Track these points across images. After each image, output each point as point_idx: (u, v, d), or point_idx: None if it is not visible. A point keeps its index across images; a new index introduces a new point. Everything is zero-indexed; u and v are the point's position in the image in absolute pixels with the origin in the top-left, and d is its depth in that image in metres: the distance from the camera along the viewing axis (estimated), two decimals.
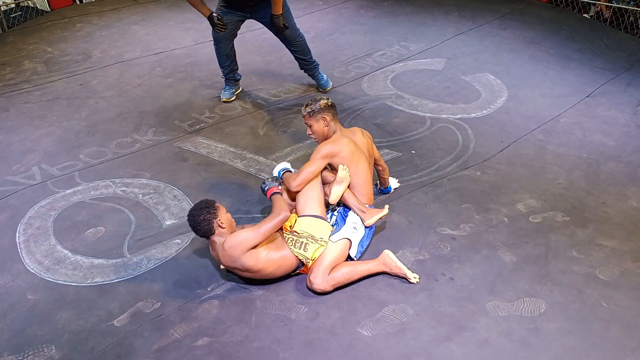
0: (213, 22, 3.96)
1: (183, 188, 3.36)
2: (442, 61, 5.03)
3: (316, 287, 2.54)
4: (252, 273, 2.54)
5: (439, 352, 2.30)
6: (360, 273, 2.62)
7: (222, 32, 4.02)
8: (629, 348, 2.32)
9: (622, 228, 3.01)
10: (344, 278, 2.58)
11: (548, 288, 2.61)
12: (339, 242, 2.64)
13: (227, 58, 4.25)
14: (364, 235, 2.75)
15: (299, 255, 2.58)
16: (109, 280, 2.71)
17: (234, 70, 4.35)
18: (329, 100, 2.89)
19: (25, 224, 3.09)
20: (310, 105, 2.86)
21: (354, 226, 2.71)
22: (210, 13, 3.93)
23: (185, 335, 2.40)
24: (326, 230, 2.66)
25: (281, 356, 2.30)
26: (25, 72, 4.92)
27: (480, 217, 3.08)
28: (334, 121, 2.87)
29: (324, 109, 2.83)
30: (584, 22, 5.91)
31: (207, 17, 3.94)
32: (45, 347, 2.36)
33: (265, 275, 2.57)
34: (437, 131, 3.94)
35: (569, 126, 4.00)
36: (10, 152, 3.76)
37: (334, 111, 2.88)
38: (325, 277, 2.54)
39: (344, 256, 2.66)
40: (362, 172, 2.80)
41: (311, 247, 2.58)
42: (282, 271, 2.61)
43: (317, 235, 2.61)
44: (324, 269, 2.56)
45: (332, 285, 2.56)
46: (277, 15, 3.94)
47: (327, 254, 2.60)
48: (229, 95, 4.38)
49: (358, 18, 6.07)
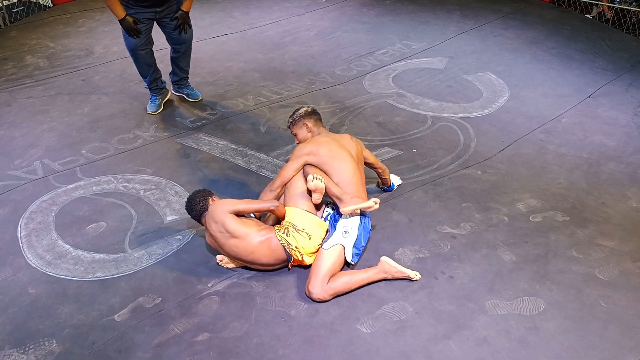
0: (128, 25, 3.68)
1: (184, 184, 3.37)
2: (443, 60, 5.03)
3: (315, 297, 2.53)
4: (238, 242, 2.54)
5: (437, 350, 2.31)
6: (359, 281, 2.60)
7: (137, 38, 3.76)
8: (627, 348, 2.33)
9: (622, 228, 3.02)
10: (343, 287, 2.57)
11: (547, 287, 2.62)
12: (332, 249, 2.61)
13: (149, 67, 4.02)
14: (358, 237, 2.68)
15: (282, 240, 2.59)
16: (110, 275, 2.72)
17: (157, 79, 4.15)
18: (310, 107, 3.02)
19: (26, 219, 3.10)
20: (292, 116, 2.99)
21: (344, 230, 2.67)
22: (125, 15, 3.65)
23: (186, 330, 2.41)
24: (308, 221, 2.66)
25: (280, 352, 2.31)
26: (28, 67, 4.92)
27: (480, 216, 3.09)
28: (317, 126, 2.95)
29: (304, 116, 2.95)
30: (586, 22, 5.90)
31: (121, 19, 3.65)
32: (46, 341, 2.37)
33: (254, 250, 2.56)
34: (439, 130, 3.95)
35: (570, 126, 4.01)
36: (13, 147, 3.77)
37: (315, 117, 2.97)
38: (323, 287, 2.53)
39: (340, 262, 2.63)
40: (346, 170, 2.75)
41: (292, 236, 2.61)
42: (271, 253, 2.59)
43: (298, 225, 2.64)
44: (322, 278, 2.54)
45: (331, 295, 2.54)
46: (187, 13, 3.88)
47: (322, 262, 2.58)
48: (156, 108, 4.18)
49: (360, 16, 6.07)
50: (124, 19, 3.66)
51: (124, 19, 3.66)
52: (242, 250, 2.56)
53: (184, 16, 3.88)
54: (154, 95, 4.21)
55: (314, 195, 2.70)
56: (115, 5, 3.61)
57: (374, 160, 3.09)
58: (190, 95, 4.38)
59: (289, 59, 5.07)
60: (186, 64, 4.24)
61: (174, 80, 4.34)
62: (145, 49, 3.90)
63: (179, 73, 4.27)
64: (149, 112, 4.17)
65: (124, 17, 3.65)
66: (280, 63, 4.99)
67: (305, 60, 5.04)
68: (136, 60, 3.96)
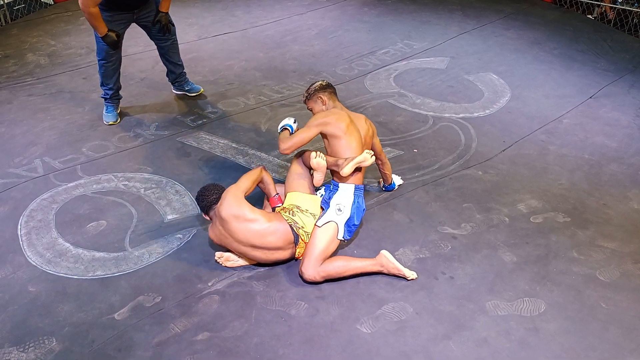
0: (112, 40, 3.56)
1: (185, 183, 3.36)
2: (445, 60, 5.03)
3: (306, 277, 2.55)
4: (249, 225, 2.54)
5: (438, 351, 2.31)
6: (354, 269, 2.61)
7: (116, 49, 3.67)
8: (627, 349, 2.32)
9: (623, 230, 3.02)
10: (336, 271, 2.57)
11: (548, 288, 2.62)
12: (325, 227, 2.63)
13: (115, 73, 3.89)
14: (351, 216, 2.69)
15: (288, 219, 2.61)
16: (110, 273, 2.72)
17: (119, 88, 4.02)
18: (324, 81, 2.99)
19: (27, 217, 3.10)
20: (307, 90, 2.98)
21: (337, 208, 2.68)
22: (107, 31, 3.52)
23: (186, 329, 2.41)
24: (312, 202, 2.72)
25: (280, 352, 2.31)
26: (29, 65, 4.92)
27: (481, 217, 3.09)
28: (332, 100, 2.94)
29: (319, 90, 2.93)
30: (588, 23, 5.90)
31: (104, 35, 3.52)
32: (46, 339, 2.37)
33: (261, 237, 2.55)
34: (440, 130, 3.94)
35: (572, 127, 4.00)
36: (13, 145, 3.77)
37: (330, 90, 2.95)
38: (316, 267, 2.54)
39: (333, 241, 2.64)
40: (353, 149, 2.75)
41: (299, 215, 2.64)
42: (278, 237, 2.59)
43: (302, 206, 2.68)
44: (315, 258, 2.56)
45: (323, 277, 2.55)
46: (166, 13, 3.84)
47: (316, 242, 2.59)
48: (115, 118, 4.00)
49: (362, 16, 6.06)
50: (107, 35, 3.53)
51: (106, 35, 3.53)
52: (254, 233, 2.56)
53: (165, 17, 3.85)
54: (112, 106, 4.01)
55: (316, 175, 2.72)
56: (99, 21, 3.46)
57: (380, 150, 3.06)
58: (191, 91, 4.36)
59: (290, 58, 5.07)
60: (177, 57, 4.19)
61: (173, 79, 4.32)
62: (117, 55, 3.79)
63: (174, 70, 4.24)
64: (110, 123, 3.97)
65: (106, 33, 3.53)
66: (282, 62, 4.98)
67: (307, 60, 5.04)
68: (106, 66, 3.80)
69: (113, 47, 3.63)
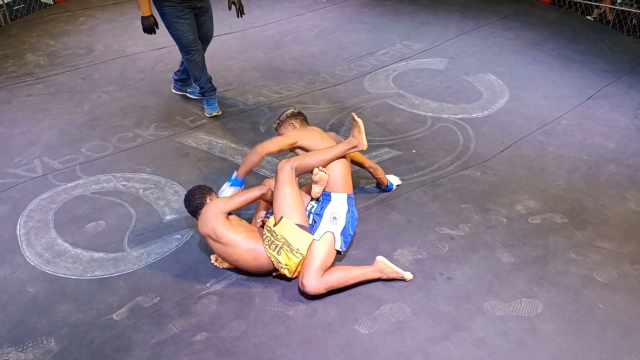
0: (149, 24, 3.68)
1: (184, 183, 3.37)
2: (444, 61, 5.04)
3: (309, 290, 2.50)
4: (224, 247, 2.54)
5: (435, 351, 2.32)
6: (355, 278, 2.59)
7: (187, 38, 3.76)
8: (624, 350, 2.33)
9: (621, 231, 3.02)
10: (338, 282, 2.55)
11: (545, 289, 2.62)
12: (323, 238, 2.62)
13: (203, 64, 3.95)
14: (346, 225, 2.70)
15: (271, 257, 2.53)
16: (108, 274, 2.72)
17: (210, 79, 4.06)
18: (296, 109, 3.10)
19: (26, 217, 3.10)
20: (278, 117, 3.06)
21: (332, 217, 2.68)
22: (150, 14, 3.67)
23: (184, 330, 2.41)
24: (305, 243, 2.56)
25: (278, 353, 2.31)
26: (28, 65, 4.92)
27: (479, 218, 3.09)
28: (303, 126, 3.01)
29: (290, 117, 3.03)
30: (587, 24, 5.90)
31: (146, 16, 3.66)
32: (44, 339, 2.38)
33: (238, 258, 2.56)
34: (438, 131, 3.95)
35: (570, 128, 4.01)
36: (12, 145, 3.77)
37: (301, 117, 3.05)
38: (318, 279, 2.50)
39: (331, 252, 2.63)
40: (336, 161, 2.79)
41: (285, 254, 2.53)
42: (256, 263, 2.57)
43: (294, 244, 2.53)
44: (316, 271, 2.51)
45: (325, 289, 2.52)
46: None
47: (315, 254, 2.56)
48: (217, 109, 4.10)
49: (361, 16, 6.07)
50: (148, 18, 3.69)
51: (147, 17, 3.69)
52: (228, 255, 2.58)
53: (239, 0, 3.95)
54: (212, 99, 4.09)
55: (315, 187, 2.74)
56: (144, 1, 3.63)
57: (362, 159, 3.09)
58: (193, 93, 4.37)
59: (290, 58, 5.07)
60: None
61: (181, 78, 4.33)
62: (199, 47, 3.88)
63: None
64: (213, 115, 4.07)
65: (148, 15, 3.68)
66: (281, 62, 4.99)
67: (306, 60, 5.04)
68: (192, 60, 3.88)
69: (149, 31, 3.74)
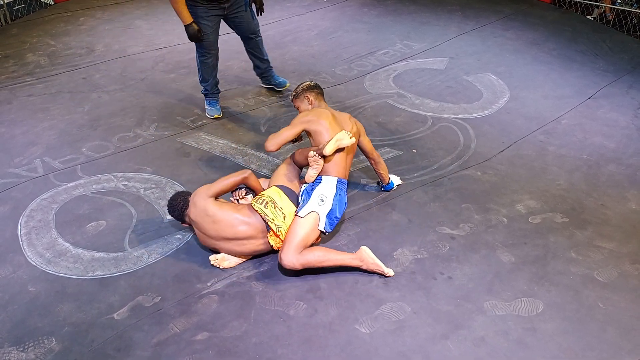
0: (193, 32, 3.62)
1: (184, 183, 3.37)
2: (444, 61, 5.04)
3: (286, 264, 2.56)
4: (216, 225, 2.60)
5: (436, 350, 2.32)
6: (333, 261, 2.63)
7: (207, 40, 3.73)
8: (625, 350, 2.33)
9: (621, 230, 3.02)
10: (316, 261, 2.59)
11: (546, 288, 2.63)
12: (307, 217, 2.65)
13: (214, 69, 3.96)
14: (332, 208, 2.71)
15: (259, 210, 2.62)
16: (109, 273, 2.73)
17: (217, 83, 4.09)
18: (312, 81, 3.08)
19: (27, 217, 3.10)
20: (295, 89, 3.08)
21: (320, 198, 2.70)
22: (192, 21, 3.60)
23: (185, 329, 2.42)
24: (289, 207, 2.69)
25: (279, 352, 2.31)
26: (29, 65, 4.93)
27: (479, 217, 3.10)
28: (318, 100, 3.02)
29: (306, 90, 3.02)
30: (587, 23, 5.90)
31: (187, 24, 3.60)
32: (45, 339, 2.38)
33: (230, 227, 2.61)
34: (439, 130, 3.95)
35: (570, 128, 4.01)
36: (13, 145, 3.78)
37: (317, 90, 3.04)
38: (296, 255, 2.56)
39: (314, 231, 2.66)
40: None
41: (270, 209, 2.64)
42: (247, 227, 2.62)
43: (278, 203, 2.67)
44: (295, 246, 2.57)
45: (302, 265, 2.57)
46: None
47: (297, 230, 2.61)
48: (219, 111, 4.11)
49: (361, 16, 6.07)
50: (190, 25, 3.61)
51: (190, 25, 3.61)
52: (223, 224, 2.62)
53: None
54: (214, 100, 4.10)
55: (311, 170, 2.77)
56: (182, 8, 3.54)
57: (371, 149, 3.09)
58: (278, 85, 4.43)
59: (290, 58, 5.07)
60: (263, 52, 4.23)
61: (259, 74, 4.38)
62: (215, 50, 3.87)
63: (260, 65, 4.29)
64: (214, 116, 4.08)
65: (190, 23, 3.60)
66: (281, 62, 4.99)
67: (306, 60, 5.04)
68: (205, 62, 3.87)
69: (194, 39, 3.69)
